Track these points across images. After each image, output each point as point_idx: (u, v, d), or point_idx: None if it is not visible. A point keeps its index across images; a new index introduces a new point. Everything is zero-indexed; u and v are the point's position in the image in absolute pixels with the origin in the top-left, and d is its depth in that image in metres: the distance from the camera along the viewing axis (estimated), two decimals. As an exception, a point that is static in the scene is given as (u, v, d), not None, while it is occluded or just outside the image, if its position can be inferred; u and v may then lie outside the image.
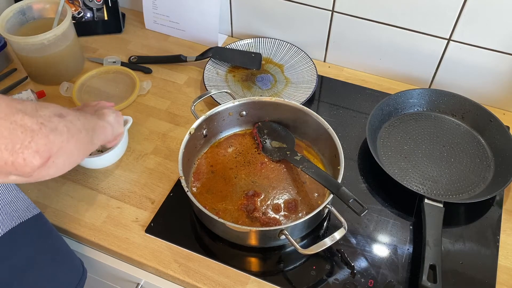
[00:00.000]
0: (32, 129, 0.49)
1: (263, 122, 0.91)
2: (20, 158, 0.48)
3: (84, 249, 0.86)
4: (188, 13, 1.14)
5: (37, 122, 0.50)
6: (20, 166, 0.49)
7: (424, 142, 0.93)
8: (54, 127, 0.52)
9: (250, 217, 0.79)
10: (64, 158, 0.54)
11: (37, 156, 0.50)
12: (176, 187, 0.86)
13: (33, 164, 0.50)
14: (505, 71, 0.95)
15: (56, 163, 0.53)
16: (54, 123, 0.53)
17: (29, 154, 0.49)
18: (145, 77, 1.09)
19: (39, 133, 0.50)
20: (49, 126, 0.51)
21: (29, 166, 0.49)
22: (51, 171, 0.53)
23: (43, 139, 0.50)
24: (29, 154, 0.49)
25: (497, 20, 0.88)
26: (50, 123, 0.52)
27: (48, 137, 0.51)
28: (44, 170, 0.52)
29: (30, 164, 0.49)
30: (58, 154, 0.52)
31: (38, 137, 0.50)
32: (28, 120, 0.49)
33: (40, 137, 0.50)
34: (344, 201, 0.72)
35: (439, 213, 0.78)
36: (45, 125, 0.51)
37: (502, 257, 0.78)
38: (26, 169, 0.49)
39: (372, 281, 0.74)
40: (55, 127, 0.52)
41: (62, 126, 0.54)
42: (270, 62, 1.11)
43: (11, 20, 1.00)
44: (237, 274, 0.76)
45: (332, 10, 1.02)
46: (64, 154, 0.54)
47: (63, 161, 0.54)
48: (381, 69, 1.08)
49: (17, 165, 0.48)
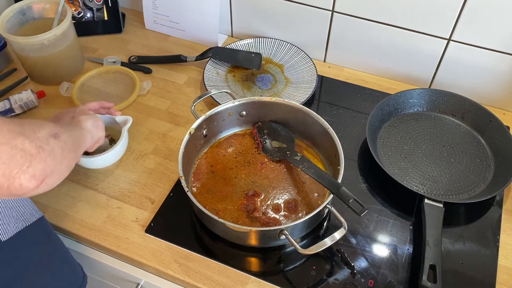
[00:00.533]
0: (31, 153, 0.50)
1: (263, 122, 0.91)
2: (16, 183, 0.49)
3: (84, 249, 0.86)
4: (188, 13, 1.14)
5: (36, 145, 0.51)
6: (15, 190, 0.49)
7: (424, 142, 0.93)
8: (51, 149, 0.53)
9: (250, 217, 0.79)
10: (55, 177, 0.55)
11: (33, 180, 0.50)
12: (176, 187, 0.86)
13: (29, 188, 0.50)
14: (505, 71, 0.95)
15: (48, 184, 0.53)
16: (50, 145, 0.53)
17: (25, 179, 0.49)
18: (145, 77, 1.09)
19: (37, 157, 0.50)
20: (46, 150, 0.52)
21: (23, 190, 0.50)
22: (40, 191, 0.53)
23: (40, 164, 0.51)
24: (25, 179, 0.49)
25: (497, 20, 0.88)
26: (48, 146, 0.53)
27: (46, 161, 0.52)
28: (35, 191, 0.52)
29: (25, 188, 0.50)
30: (51, 176, 0.53)
31: (36, 161, 0.50)
32: (28, 144, 0.50)
33: (38, 161, 0.51)
34: (344, 201, 0.72)
35: (439, 213, 0.78)
36: (43, 149, 0.52)
37: (502, 257, 0.78)
38: (20, 192, 0.50)
39: (372, 281, 0.74)
40: (51, 149, 0.53)
41: (57, 148, 0.54)
42: (270, 62, 1.11)
43: (11, 20, 1.00)
44: (237, 274, 0.76)
45: (332, 10, 1.02)
46: (56, 174, 0.54)
47: (54, 180, 0.55)
48: (381, 69, 1.08)
49: (12, 189, 0.49)
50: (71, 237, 0.84)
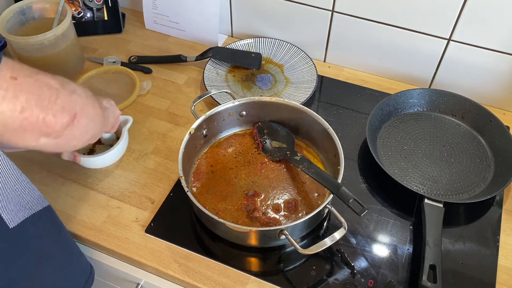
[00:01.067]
0: (56, 87, 0.51)
1: (263, 122, 0.91)
2: (50, 114, 0.50)
3: (84, 249, 0.86)
4: (188, 13, 1.14)
5: (59, 82, 0.52)
6: (51, 123, 0.50)
7: (424, 142, 0.93)
8: (73, 89, 0.55)
9: (250, 217, 0.79)
10: (86, 120, 0.56)
11: (65, 113, 0.52)
12: (176, 187, 0.86)
13: (62, 121, 0.52)
14: (505, 71, 0.95)
15: (81, 124, 0.55)
16: (71, 86, 0.55)
17: (57, 110, 0.51)
18: (145, 77, 1.09)
19: (62, 91, 0.52)
20: (68, 88, 0.54)
21: (59, 123, 0.51)
22: (77, 132, 0.55)
23: (67, 97, 0.53)
24: (57, 110, 0.51)
25: (497, 20, 0.88)
26: (69, 86, 0.54)
27: (71, 96, 0.54)
28: (72, 130, 0.54)
29: (60, 121, 0.51)
30: (81, 114, 0.55)
31: (63, 95, 0.52)
32: (50, 79, 0.51)
33: (64, 95, 0.52)
34: (344, 201, 0.72)
35: (439, 213, 0.78)
36: (65, 87, 0.53)
37: (502, 257, 0.78)
38: (56, 126, 0.51)
39: (372, 281, 0.74)
40: (73, 89, 0.55)
41: (79, 90, 0.56)
42: (270, 62, 1.11)
43: (11, 20, 1.00)
44: (237, 274, 0.76)
45: (332, 10, 1.02)
46: (86, 115, 0.56)
47: (86, 123, 0.56)
48: (381, 69, 1.08)
49: (48, 122, 0.50)
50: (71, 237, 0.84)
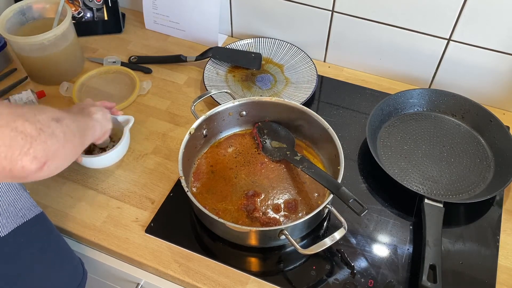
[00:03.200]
0: (31, 135, 0.50)
1: (263, 122, 0.91)
2: (18, 165, 0.49)
3: (84, 249, 0.86)
4: (188, 13, 1.14)
5: (36, 128, 0.51)
6: (18, 172, 0.50)
7: (424, 142, 0.93)
8: (52, 132, 0.53)
9: (250, 217, 0.79)
10: (58, 162, 0.55)
11: (35, 162, 0.51)
12: (176, 187, 0.86)
13: (30, 169, 0.51)
14: (505, 71, 0.95)
15: (50, 168, 0.54)
16: (51, 128, 0.53)
17: (27, 160, 0.50)
18: (145, 77, 1.09)
19: (37, 139, 0.51)
20: (47, 132, 0.52)
21: (26, 172, 0.50)
22: (44, 175, 0.54)
23: (41, 145, 0.51)
24: (27, 160, 0.50)
25: (497, 20, 0.88)
26: (48, 129, 0.53)
27: (46, 143, 0.52)
28: (38, 174, 0.52)
29: (27, 170, 0.50)
30: (53, 159, 0.53)
31: (37, 143, 0.51)
32: (28, 126, 0.50)
33: (38, 143, 0.51)
34: (344, 201, 0.72)
35: (439, 213, 0.78)
36: (43, 131, 0.52)
37: (502, 257, 0.78)
38: (23, 173, 0.50)
39: (372, 281, 0.74)
40: (52, 132, 0.53)
41: (59, 132, 0.55)
42: (270, 62, 1.11)
43: (11, 20, 1.00)
44: (237, 274, 0.76)
45: (332, 10, 1.02)
46: (59, 158, 0.55)
47: (57, 164, 0.55)
48: (381, 69, 1.08)
49: (15, 171, 0.49)
50: (71, 237, 0.84)
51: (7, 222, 0.63)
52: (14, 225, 0.65)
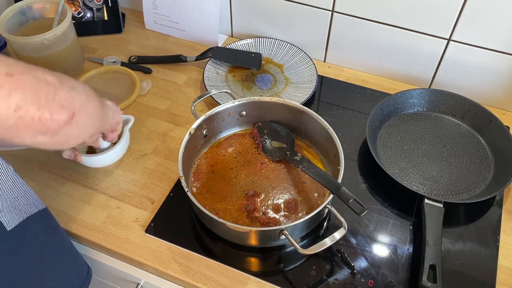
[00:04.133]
0: (54, 84, 0.50)
1: (263, 122, 0.91)
2: (46, 113, 0.48)
3: (84, 249, 0.86)
4: (188, 13, 1.14)
5: (58, 79, 0.51)
6: (47, 121, 0.48)
7: (424, 142, 0.93)
8: (72, 85, 0.53)
9: (250, 217, 0.79)
10: (85, 118, 0.55)
11: (63, 110, 0.50)
12: (176, 187, 0.86)
13: (60, 118, 0.50)
14: (505, 71, 0.95)
15: (79, 122, 0.53)
16: (71, 82, 0.53)
17: (55, 107, 0.49)
18: (145, 77, 1.09)
19: (61, 88, 0.50)
20: (68, 85, 0.52)
21: (56, 121, 0.49)
22: (75, 131, 0.53)
23: (65, 94, 0.51)
24: (55, 107, 0.49)
25: (497, 20, 0.88)
26: (68, 82, 0.53)
27: (70, 93, 0.52)
28: (70, 129, 0.52)
29: (57, 119, 0.49)
30: (80, 112, 0.53)
31: (61, 91, 0.50)
32: (48, 75, 0.50)
33: (63, 91, 0.50)
34: (344, 201, 0.72)
35: (439, 213, 0.78)
36: (64, 83, 0.51)
37: (502, 257, 0.78)
38: (53, 124, 0.49)
39: (372, 281, 0.74)
40: (73, 86, 0.53)
41: (78, 86, 0.55)
42: (270, 62, 1.11)
43: (11, 20, 1.00)
44: (237, 274, 0.76)
45: (332, 10, 1.02)
46: (85, 113, 0.54)
47: (85, 121, 0.55)
48: (381, 69, 1.08)
49: (44, 120, 0.48)
50: (71, 237, 0.84)
51: (12, 217, 0.63)
52: (18, 220, 0.64)
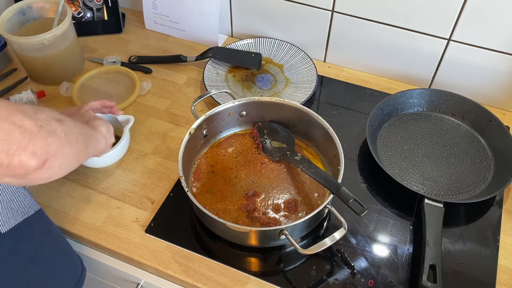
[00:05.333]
0: (30, 130, 0.48)
1: (263, 122, 0.91)
2: (16, 160, 0.47)
3: (84, 249, 0.86)
4: (188, 13, 1.14)
5: (36, 124, 0.49)
6: (15, 168, 0.48)
7: (424, 142, 0.93)
8: (53, 130, 0.52)
9: (250, 217, 0.79)
10: (59, 162, 0.53)
11: (34, 158, 0.49)
12: (176, 187, 0.86)
13: (29, 166, 0.49)
14: (505, 71, 0.95)
15: (52, 167, 0.52)
16: (52, 126, 0.52)
17: (25, 156, 0.48)
18: (145, 77, 1.09)
19: (37, 135, 0.49)
20: (47, 129, 0.51)
21: (24, 168, 0.49)
22: (45, 175, 0.52)
23: (41, 142, 0.50)
24: (25, 156, 0.48)
25: (497, 20, 0.88)
26: (49, 126, 0.51)
27: (47, 140, 0.50)
28: (39, 173, 0.51)
29: (26, 166, 0.48)
30: (54, 158, 0.52)
31: (36, 139, 0.49)
32: (27, 121, 0.48)
33: (38, 139, 0.49)
34: (344, 201, 0.72)
35: (439, 213, 0.78)
36: (43, 128, 0.50)
37: (502, 257, 0.78)
38: (21, 171, 0.49)
39: (372, 281, 0.74)
40: (53, 130, 0.52)
41: (60, 131, 0.53)
42: (270, 62, 1.11)
43: (11, 20, 1.00)
44: (237, 274, 0.76)
45: (332, 10, 1.02)
46: (60, 158, 0.53)
47: (59, 165, 0.53)
48: (381, 69, 1.08)
49: (12, 167, 0.48)
50: (71, 237, 0.84)
51: (7, 219, 0.63)
52: (14, 222, 0.64)
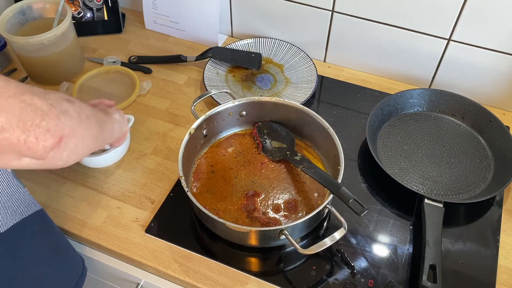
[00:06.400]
0: (42, 109, 0.48)
1: (263, 122, 0.91)
2: (32, 136, 0.47)
3: (84, 249, 0.86)
4: (188, 13, 1.14)
5: (47, 103, 0.49)
6: (33, 145, 0.48)
7: (424, 142, 0.93)
8: (64, 109, 0.52)
9: (250, 217, 0.79)
10: (76, 141, 0.53)
11: (49, 135, 0.49)
12: (176, 187, 0.86)
13: (45, 143, 0.49)
14: (505, 71, 0.95)
15: (69, 146, 0.52)
16: (63, 106, 0.52)
17: (40, 132, 0.48)
18: (145, 77, 1.09)
19: (49, 113, 0.49)
20: (58, 108, 0.51)
21: (41, 145, 0.48)
22: (64, 154, 0.52)
23: (53, 120, 0.50)
24: (40, 132, 0.48)
25: (497, 20, 0.88)
26: (60, 106, 0.52)
27: (59, 118, 0.51)
28: (58, 153, 0.51)
29: (42, 143, 0.48)
30: (70, 136, 0.52)
31: (49, 117, 0.49)
32: (37, 100, 0.48)
33: (50, 117, 0.49)
34: (344, 201, 0.72)
35: (439, 213, 0.78)
36: (54, 107, 0.50)
37: (502, 257, 0.78)
38: (39, 148, 0.48)
39: (372, 281, 0.74)
40: (64, 109, 0.52)
41: (72, 110, 0.53)
42: (270, 62, 1.11)
43: (11, 20, 1.00)
44: (237, 274, 0.76)
45: (332, 10, 1.02)
46: (76, 137, 0.53)
47: (75, 144, 0.53)
48: (381, 69, 1.08)
49: (30, 144, 0.47)
50: (71, 237, 0.84)
51: (6, 219, 0.63)
52: (13, 222, 0.64)
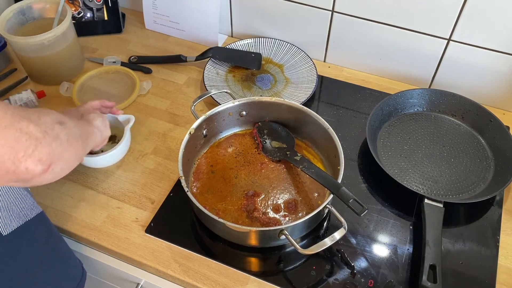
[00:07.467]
0: (36, 137, 0.50)
1: (263, 122, 0.91)
2: (22, 167, 0.49)
3: (84, 249, 0.86)
4: (188, 13, 1.14)
5: (41, 130, 0.51)
6: (22, 174, 0.49)
7: (424, 142, 0.93)
8: (56, 135, 0.53)
9: (250, 217, 0.79)
10: (62, 165, 0.55)
11: (39, 164, 0.50)
12: (176, 187, 0.86)
13: (35, 172, 0.50)
14: (505, 71, 0.95)
15: (55, 170, 0.53)
16: (55, 131, 0.54)
17: (31, 162, 0.49)
18: (145, 77, 1.09)
19: (42, 141, 0.50)
20: (51, 134, 0.52)
21: (30, 174, 0.50)
22: (48, 178, 0.54)
23: (46, 148, 0.51)
24: (31, 162, 0.49)
25: (497, 20, 0.88)
26: (53, 131, 0.53)
27: (51, 146, 0.52)
28: (44, 177, 0.52)
29: (31, 172, 0.50)
30: (57, 162, 0.53)
31: (42, 145, 0.50)
32: (33, 128, 0.50)
33: (43, 145, 0.51)
34: (344, 201, 0.72)
35: (439, 213, 0.78)
36: (48, 133, 0.52)
37: (502, 257, 0.78)
38: (28, 176, 0.50)
39: (372, 281, 0.74)
40: (57, 135, 0.53)
41: (63, 135, 0.55)
42: (270, 62, 1.11)
43: (11, 20, 1.00)
44: (237, 274, 0.76)
45: (332, 10, 1.02)
46: (63, 161, 0.55)
47: (61, 168, 0.55)
48: (381, 69, 1.08)
49: (19, 173, 0.49)
50: (71, 237, 0.84)
51: (10, 221, 0.64)
52: (16, 225, 0.65)
